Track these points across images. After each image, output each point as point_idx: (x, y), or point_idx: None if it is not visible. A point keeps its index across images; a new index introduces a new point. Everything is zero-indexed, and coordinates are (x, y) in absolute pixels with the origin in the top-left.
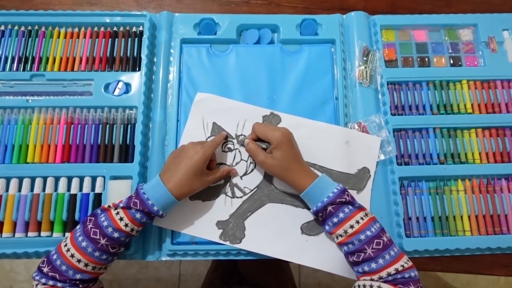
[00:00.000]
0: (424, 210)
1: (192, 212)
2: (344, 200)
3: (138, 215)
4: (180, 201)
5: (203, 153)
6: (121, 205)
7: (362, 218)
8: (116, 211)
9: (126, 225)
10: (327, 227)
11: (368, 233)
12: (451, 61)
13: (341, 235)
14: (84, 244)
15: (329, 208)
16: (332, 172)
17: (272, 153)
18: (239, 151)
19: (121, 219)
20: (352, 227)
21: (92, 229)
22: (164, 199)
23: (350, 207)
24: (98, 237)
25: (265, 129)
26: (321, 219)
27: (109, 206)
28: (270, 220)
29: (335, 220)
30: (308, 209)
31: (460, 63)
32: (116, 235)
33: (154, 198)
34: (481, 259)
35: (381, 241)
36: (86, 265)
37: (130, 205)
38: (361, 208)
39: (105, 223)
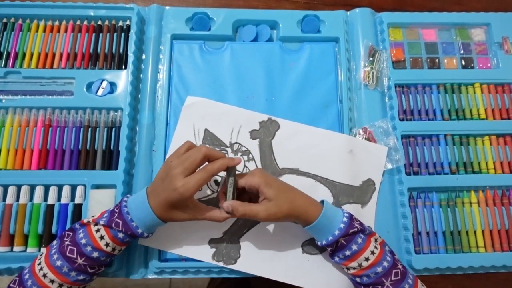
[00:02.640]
0: (434, 224)
1: (181, 230)
2: (356, 229)
3: (120, 235)
4: (166, 223)
5: (180, 194)
6: (101, 222)
7: (376, 247)
8: (96, 228)
9: (107, 244)
10: (337, 259)
11: (385, 264)
12: (463, 63)
13: (354, 268)
14: (58, 263)
15: (341, 240)
16: (335, 184)
17: (265, 196)
18: None
19: (101, 237)
20: (367, 259)
21: (69, 247)
22: (149, 220)
23: (362, 236)
24: (75, 256)
25: (243, 177)
26: (330, 252)
27: (88, 221)
28: (267, 238)
29: (347, 253)
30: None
31: (472, 65)
32: (95, 254)
33: (138, 220)
34: (495, 277)
35: (398, 270)
36: (60, 285)
37: (112, 225)
38: (371, 233)
39: (83, 241)
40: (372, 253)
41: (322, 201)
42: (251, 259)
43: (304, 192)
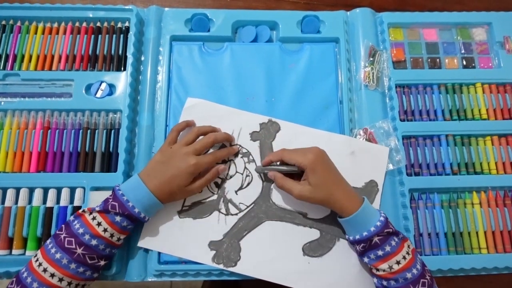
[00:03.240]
0: (436, 226)
1: (181, 232)
2: (391, 230)
3: (117, 218)
4: (164, 204)
5: (194, 169)
6: (97, 209)
7: (408, 253)
8: (91, 216)
9: (105, 230)
10: (366, 259)
11: (415, 271)
12: (464, 63)
13: (384, 270)
14: (58, 256)
15: (375, 239)
16: None
17: (307, 180)
18: (234, 163)
19: (98, 224)
20: (398, 263)
21: (66, 239)
22: (146, 200)
23: (396, 238)
24: (73, 246)
25: (294, 155)
26: (362, 250)
27: (83, 211)
28: (268, 240)
29: (379, 253)
30: (311, 227)
31: (473, 64)
32: (94, 242)
33: (135, 200)
34: (498, 279)
35: (426, 280)
36: (60, 280)
37: (108, 208)
38: (404, 238)
39: (80, 230)
40: (404, 257)
41: (364, 198)
42: (251, 261)
43: (348, 184)
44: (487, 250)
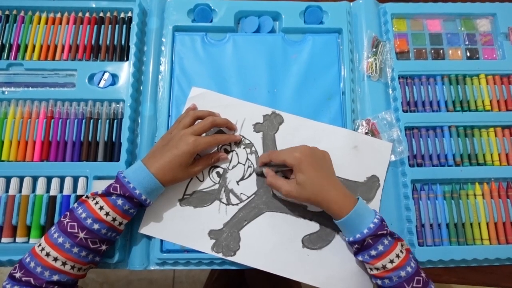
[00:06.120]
0: (438, 216)
1: (182, 220)
2: (385, 232)
3: (119, 201)
4: (165, 187)
5: (193, 147)
6: (99, 192)
7: (401, 251)
8: (94, 201)
9: (107, 214)
10: (360, 258)
11: (409, 269)
12: (468, 54)
13: (377, 269)
14: (60, 240)
15: (368, 240)
16: (339, 179)
17: (295, 178)
18: (236, 153)
19: (101, 208)
20: (392, 262)
21: (69, 223)
22: (146, 182)
23: (390, 238)
24: (76, 230)
25: (282, 154)
26: (356, 250)
27: (87, 197)
28: (268, 231)
29: (373, 253)
30: (311, 220)
31: (477, 55)
32: (96, 226)
33: (136, 181)
34: (500, 270)
35: (421, 278)
36: (64, 263)
37: (110, 191)
38: (399, 238)
39: (83, 215)
40: (397, 256)
41: (358, 198)
42: (251, 251)
43: (341, 185)
44: (489, 241)
